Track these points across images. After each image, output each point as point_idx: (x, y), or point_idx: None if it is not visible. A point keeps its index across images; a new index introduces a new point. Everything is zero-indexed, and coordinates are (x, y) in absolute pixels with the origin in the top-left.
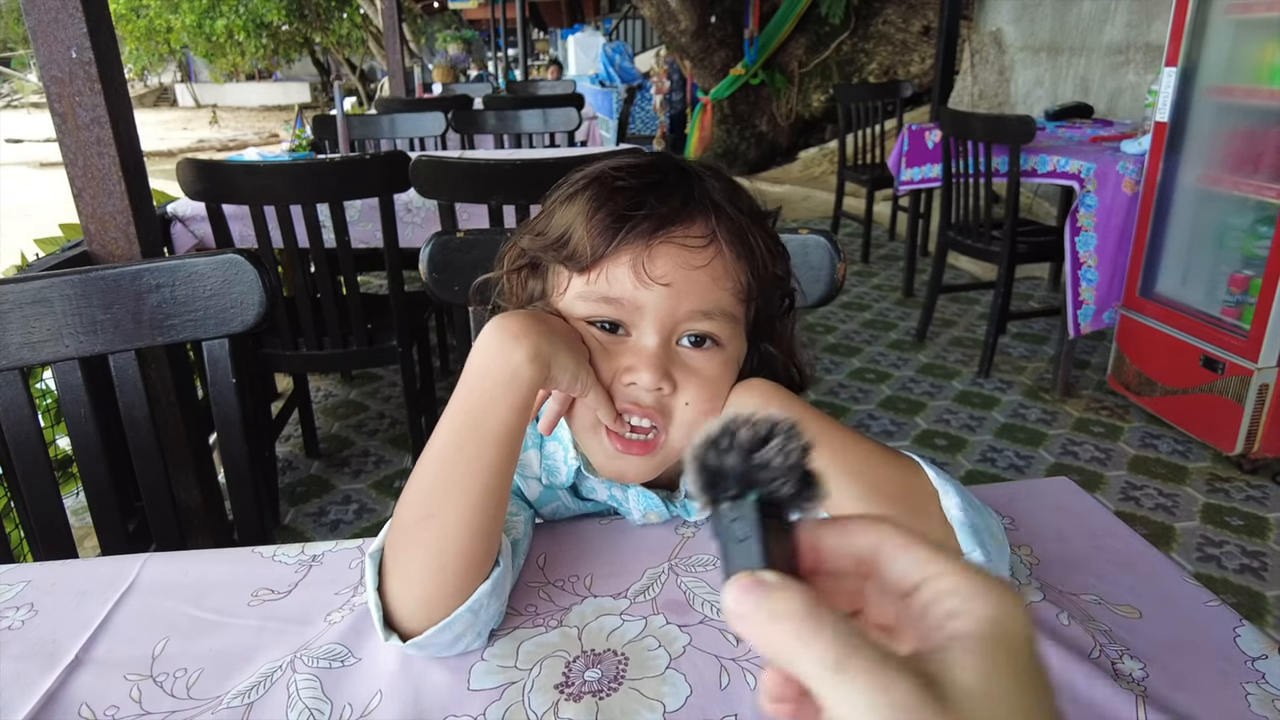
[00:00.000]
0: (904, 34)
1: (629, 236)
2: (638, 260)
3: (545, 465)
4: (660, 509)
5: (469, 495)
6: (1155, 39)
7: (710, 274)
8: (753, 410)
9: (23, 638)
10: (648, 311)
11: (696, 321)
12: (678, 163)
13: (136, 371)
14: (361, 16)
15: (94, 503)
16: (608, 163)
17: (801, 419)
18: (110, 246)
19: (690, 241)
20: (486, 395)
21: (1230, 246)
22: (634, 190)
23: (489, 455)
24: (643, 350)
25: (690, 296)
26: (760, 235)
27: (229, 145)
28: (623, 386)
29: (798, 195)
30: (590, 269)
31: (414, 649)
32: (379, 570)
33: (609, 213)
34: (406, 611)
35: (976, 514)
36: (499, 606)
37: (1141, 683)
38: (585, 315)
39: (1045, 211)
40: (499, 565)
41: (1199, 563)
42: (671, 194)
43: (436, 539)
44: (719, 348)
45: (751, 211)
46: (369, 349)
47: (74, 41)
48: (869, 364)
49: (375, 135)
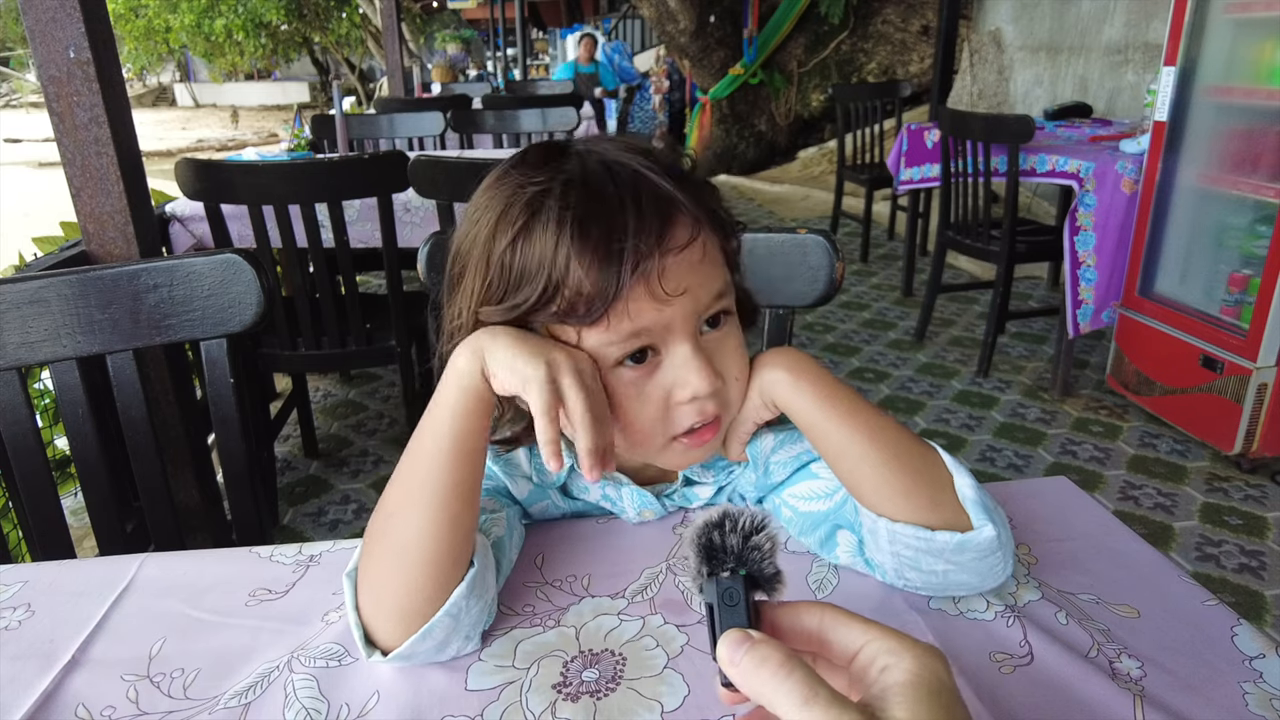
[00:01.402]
0: (903, 33)
1: (634, 265)
2: (652, 285)
3: (535, 465)
4: (655, 506)
5: (423, 500)
6: (1154, 38)
7: (710, 259)
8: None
9: (20, 638)
10: (675, 324)
11: (715, 305)
12: (601, 159)
13: (134, 371)
14: (360, 16)
15: (92, 503)
16: (527, 182)
17: (831, 385)
18: (108, 246)
19: (685, 242)
20: (435, 400)
21: (1229, 246)
22: (601, 209)
23: (439, 459)
24: (686, 362)
25: (704, 290)
26: (704, 188)
27: (227, 145)
28: (681, 404)
29: (797, 195)
30: (605, 318)
31: (398, 661)
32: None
33: (595, 245)
34: (383, 628)
35: (988, 496)
36: (482, 607)
37: (1139, 682)
38: (618, 357)
39: (1044, 211)
40: (474, 566)
41: (1197, 562)
42: (635, 200)
43: (398, 548)
44: (730, 315)
45: (683, 169)
46: (367, 349)
47: (72, 41)
48: (868, 363)
49: (374, 135)
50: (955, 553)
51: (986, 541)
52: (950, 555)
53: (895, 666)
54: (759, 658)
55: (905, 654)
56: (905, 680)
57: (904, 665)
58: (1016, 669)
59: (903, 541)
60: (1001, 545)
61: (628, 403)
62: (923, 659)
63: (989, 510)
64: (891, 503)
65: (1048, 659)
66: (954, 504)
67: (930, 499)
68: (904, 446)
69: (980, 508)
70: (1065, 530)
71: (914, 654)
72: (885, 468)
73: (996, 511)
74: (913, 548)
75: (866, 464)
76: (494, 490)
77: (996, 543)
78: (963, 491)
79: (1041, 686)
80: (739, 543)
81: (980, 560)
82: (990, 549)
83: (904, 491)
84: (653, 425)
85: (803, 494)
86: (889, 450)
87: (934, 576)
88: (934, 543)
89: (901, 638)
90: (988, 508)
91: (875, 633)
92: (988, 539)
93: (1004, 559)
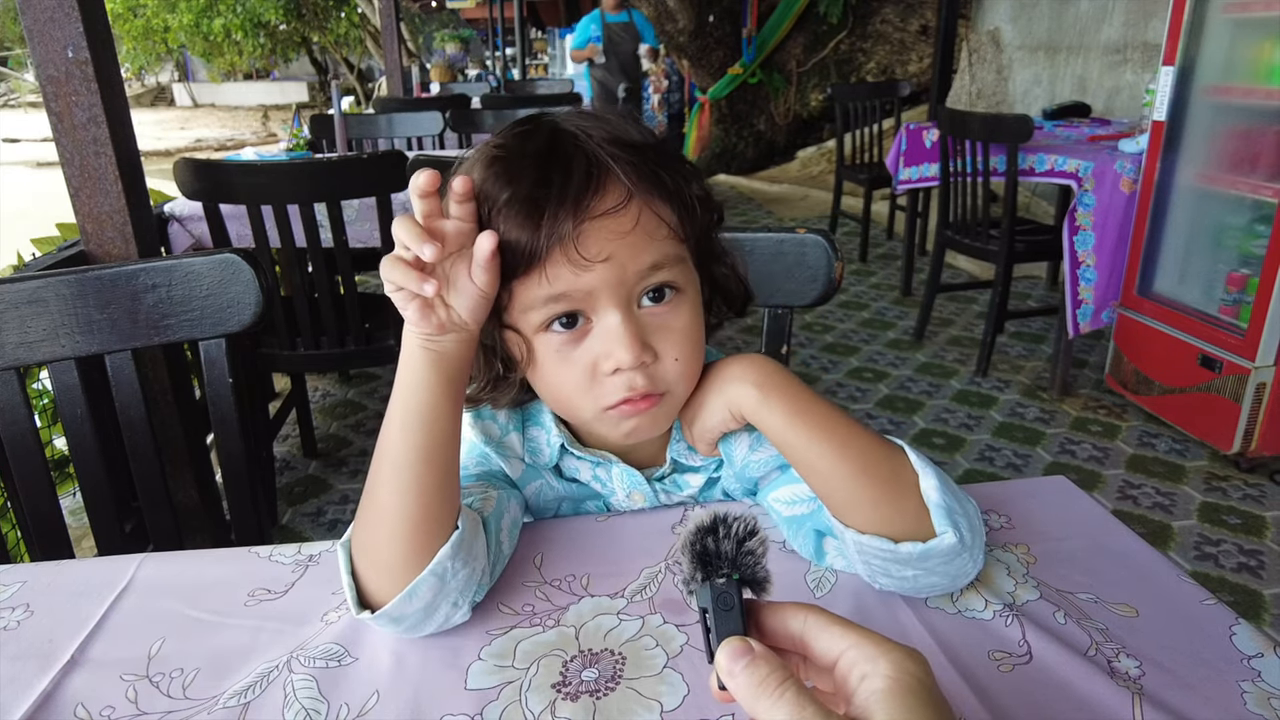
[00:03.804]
0: (902, 33)
1: (552, 227)
2: (567, 248)
3: (529, 447)
4: (644, 488)
5: (394, 465)
6: (1153, 38)
7: (643, 229)
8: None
9: (19, 638)
10: (599, 291)
11: (649, 277)
12: (554, 123)
13: (133, 371)
14: (359, 16)
15: (90, 503)
16: (492, 142)
17: (800, 400)
18: (107, 246)
19: (610, 208)
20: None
21: (1228, 245)
22: (529, 163)
23: (400, 425)
24: (611, 331)
25: (632, 260)
26: (666, 164)
27: (226, 145)
28: (607, 376)
29: (796, 194)
30: (522, 276)
31: (386, 622)
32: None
33: (520, 202)
34: (373, 583)
35: (953, 497)
36: (470, 574)
37: (1138, 681)
38: (543, 322)
39: (1043, 210)
40: (460, 529)
41: (1196, 561)
42: (567, 161)
43: (380, 511)
44: (680, 293)
45: (645, 146)
46: (366, 348)
47: (70, 41)
48: (867, 363)
49: (373, 135)
50: (920, 560)
51: (948, 548)
52: (915, 563)
53: (873, 674)
54: (756, 677)
55: (882, 659)
56: (884, 688)
57: (881, 672)
58: (1015, 668)
59: (870, 551)
60: (966, 548)
61: (554, 366)
62: (900, 663)
63: (951, 514)
64: (859, 514)
65: (1046, 658)
66: (919, 510)
67: (897, 508)
68: (871, 456)
69: (943, 512)
70: (1064, 529)
71: (891, 659)
72: (853, 480)
73: (962, 511)
74: (880, 557)
75: (835, 478)
76: (488, 474)
77: (960, 547)
78: (928, 495)
79: (1040, 685)
80: (733, 548)
81: (947, 564)
82: (954, 553)
83: (871, 502)
84: (579, 393)
85: (785, 498)
86: (857, 463)
87: (905, 581)
88: (898, 554)
89: (879, 642)
90: (950, 510)
91: (854, 638)
92: (949, 546)
93: (972, 559)
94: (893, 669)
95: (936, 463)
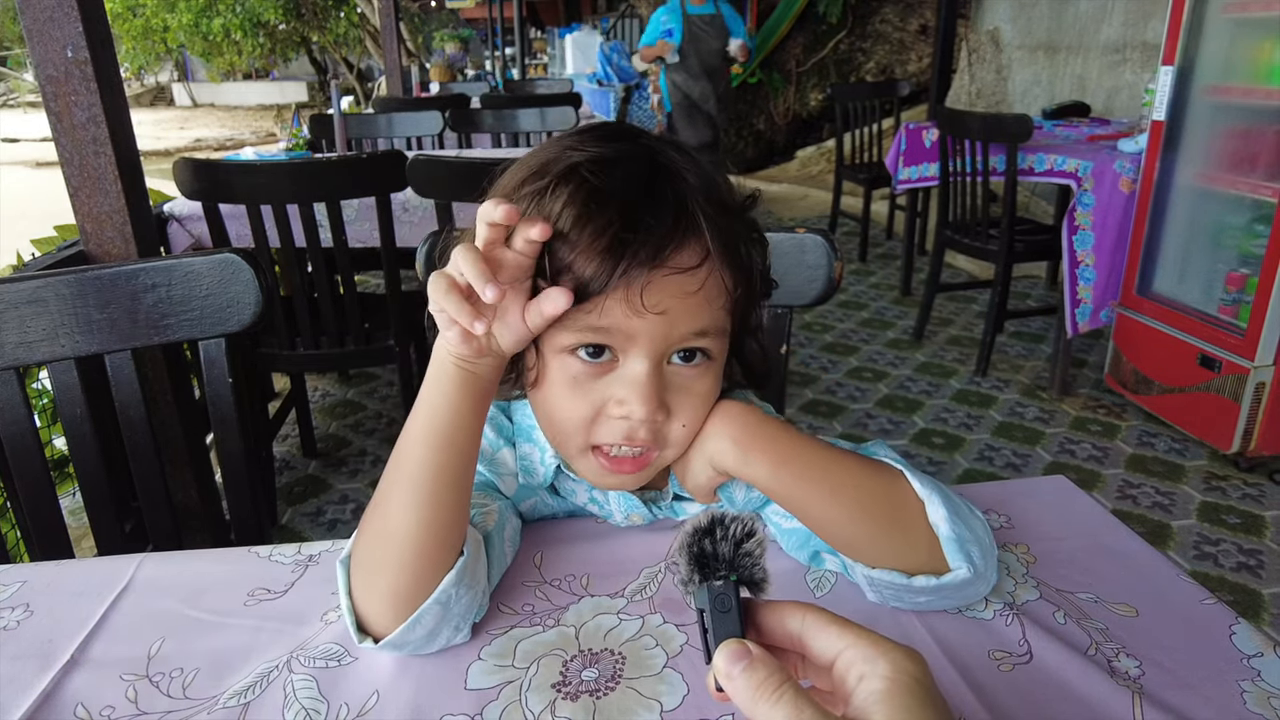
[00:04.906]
0: (901, 33)
1: (625, 270)
2: (631, 292)
3: (522, 465)
4: (642, 511)
5: (410, 485)
6: (1152, 38)
7: (705, 295)
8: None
9: (18, 638)
10: (640, 339)
11: (692, 340)
12: (651, 151)
13: (133, 371)
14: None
15: (90, 503)
16: (574, 149)
17: (783, 448)
18: (106, 246)
19: (686, 267)
20: (423, 385)
21: (1227, 245)
22: (621, 200)
23: (423, 443)
24: (635, 380)
25: (685, 320)
26: (747, 236)
27: (225, 144)
28: (612, 418)
29: (795, 194)
30: (584, 301)
31: (388, 649)
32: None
33: (601, 232)
34: (375, 612)
35: (962, 523)
36: (472, 598)
37: (1138, 680)
38: (571, 345)
39: (1043, 210)
40: (464, 554)
41: (1195, 561)
42: (661, 205)
43: (387, 533)
44: (710, 361)
45: (736, 209)
46: (366, 348)
47: (70, 40)
48: (866, 363)
49: (372, 134)
50: (934, 591)
51: (963, 582)
52: (929, 593)
53: (871, 674)
54: (754, 680)
55: (879, 660)
56: (882, 688)
57: (879, 672)
58: (1015, 667)
59: (881, 583)
60: (980, 576)
61: (563, 390)
62: (898, 663)
63: (963, 544)
64: (865, 551)
65: (1046, 657)
66: (928, 541)
67: (905, 541)
68: (867, 493)
69: (955, 545)
70: (1063, 529)
71: (888, 659)
72: (853, 523)
73: (973, 538)
74: (893, 587)
75: (833, 523)
76: (486, 485)
77: (974, 578)
78: (937, 527)
79: (1040, 685)
80: (730, 550)
81: (959, 591)
82: (968, 584)
83: (873, 539)
84: (576, 424)
85: (784, 511)
86: (853, 504)
87: (918, 605)
88: (912, 586)
89: (876, 641)
90: (962, 541)
91: (851, 638)
92: (963, 580)
93: (986, 582)
94: (891, 669)
95: (936, 463)
